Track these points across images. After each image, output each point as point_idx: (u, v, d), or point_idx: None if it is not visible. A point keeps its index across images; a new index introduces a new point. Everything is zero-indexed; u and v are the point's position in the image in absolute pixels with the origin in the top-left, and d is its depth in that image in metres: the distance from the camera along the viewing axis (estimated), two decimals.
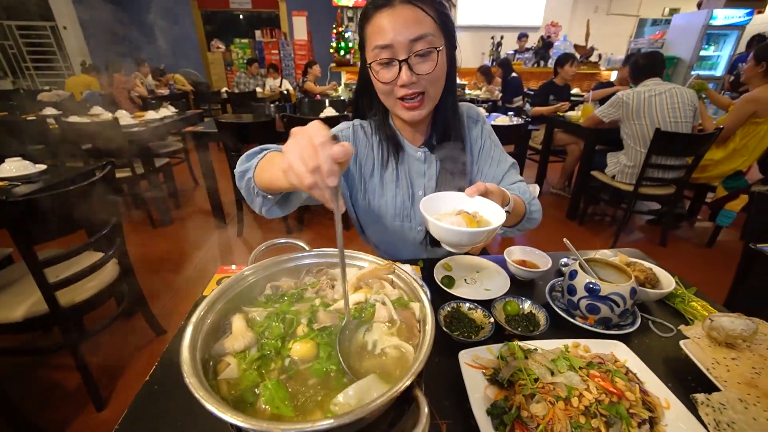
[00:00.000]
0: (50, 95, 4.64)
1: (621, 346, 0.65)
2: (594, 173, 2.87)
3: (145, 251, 2.64)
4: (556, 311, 0.75)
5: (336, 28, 6.57)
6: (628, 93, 2.46)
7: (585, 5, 7.49)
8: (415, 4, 0.73)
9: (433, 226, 0.55)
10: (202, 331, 0.41)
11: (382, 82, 0.78)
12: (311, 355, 0.41)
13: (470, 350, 0.63)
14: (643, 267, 0.81)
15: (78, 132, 2.56)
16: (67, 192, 1.23)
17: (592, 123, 2.74)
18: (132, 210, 3.37)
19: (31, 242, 1.19)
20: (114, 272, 1.56)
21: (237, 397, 0.37)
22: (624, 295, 0.67)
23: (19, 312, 1.28)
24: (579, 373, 0.55)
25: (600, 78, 6.40)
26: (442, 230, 0.54)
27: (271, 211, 0.76)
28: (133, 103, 4.90)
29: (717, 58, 5.92)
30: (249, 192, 0.72)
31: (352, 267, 0.55)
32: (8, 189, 1.47)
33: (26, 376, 1.60)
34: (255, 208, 0.75)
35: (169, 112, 3.51)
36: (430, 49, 0.74)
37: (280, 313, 0.47)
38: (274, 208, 0.76)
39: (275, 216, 0.78)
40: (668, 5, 7.40)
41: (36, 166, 1.65)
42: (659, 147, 2.31)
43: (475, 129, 0.97)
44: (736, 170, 2.53)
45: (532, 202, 0.86)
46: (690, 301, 0.78)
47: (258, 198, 0.71)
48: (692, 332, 0.65)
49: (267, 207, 0.74)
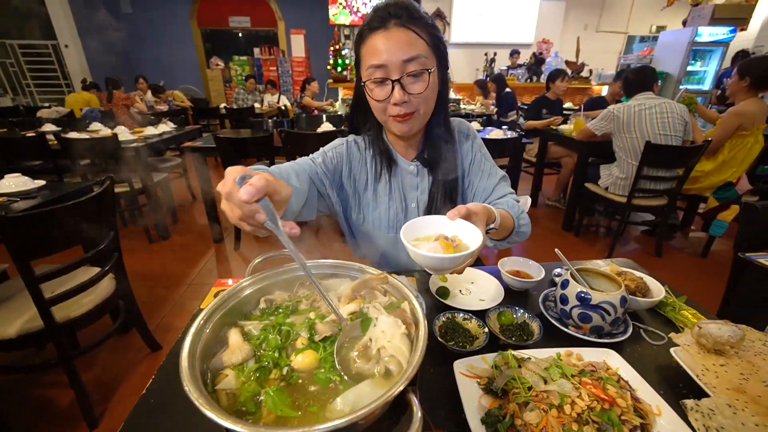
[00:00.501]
0: (50, 112, 4.68)
1: (613, 354, 0.66)
2: (588, 185, 2.92)
3: (141, 266, 2.63)
4: (550, 320, 0.76)
5: (333, 45, 6.73)
6: (619, 107, 2.53)
7: (575, 23, 7.73)
8: (409, 27, 0.76)
9: (412, 253, 0.55)
10: (200, 341, 0.42)
11: (376, 100, 0.81)
12: (313, 365, 0.42)
13: (465, 360, 0.64)
14: (633, 276, 0.83)
15: (77, 148, 2.58)
16: (65, 208, 1.24)
17: (585, 136, 2.80)
18: (129, 225, 3.37)
19: (28, 258, 1.19)
20: (110, 287, 1.56)
21: (239, 409, 0.37)
22: (614, 303, 0.68)
23: (13, 328, 1.27)
24: (571, 380, 0.56)
25: (591, 93, 6.56)
26: (420, 257, 0.55)
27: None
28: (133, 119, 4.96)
29: (704, 73, 6.09)
30: None
31: (345, 277, 0.57)
32: (7, 204, 1.48)
33: (18, 394, 1.57)
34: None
35: (167, 128, 3.55)
36: (422, 70, 0.78)
37: (276, 326, 0.48)
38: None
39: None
40: (655, 23, 7.66)
41: (35, 181, 1.66)
42: (650, 159, 2.36)
43: (466, 143, 1.00)
44: (727, 181, 2.58)
45: (521, 216, 0.88)
46: (680, 310, 0.80)
47: None
48: (682, 339, 0.66)
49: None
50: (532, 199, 3.85)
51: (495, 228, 0.72)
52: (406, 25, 0.76)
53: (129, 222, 3.40)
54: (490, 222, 0.71)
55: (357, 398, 0.38)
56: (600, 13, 7.70)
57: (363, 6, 6.91)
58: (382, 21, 0.76)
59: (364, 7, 6.91)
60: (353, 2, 6.93)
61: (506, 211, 0.84)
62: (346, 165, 0.97)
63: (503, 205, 0.88)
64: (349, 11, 6.97)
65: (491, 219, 0.71)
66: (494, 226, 0.72)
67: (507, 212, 0.83)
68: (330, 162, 0.94)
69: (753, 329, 0.68)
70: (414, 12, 0.77)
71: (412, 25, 0.76)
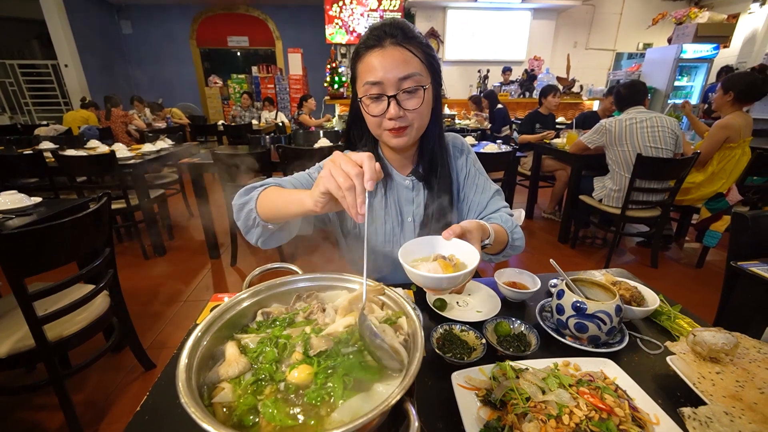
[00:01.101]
0: (47, 129, 4.70)
1: (610, 363, 0.66)
2: (582, 197, 2.95)
3: (137, 283, 2.60)
4: (547, 331, 0.76)
5: (330, 63, 6.87)
6: (611, 121, 2.59)
7: (565, 41, 7.98)
8: (404, 46, 0.79)
9: (411, 274, 0.56)
10: (197, 354, 0.42)
11: (371, 115, 0.83)
12: (308, 380, 0.42)
13: (462, 371, 0.64)
14: (628, 286, 0.84)
15: (74, 165, 2.59)
16: (59, 225, 1.24)
17: (578, 149, 2.86)
18: (125, 241, 3.35)
19: (22, 275, 1.18)
20: (104, 305, 1.54)
21: (236, 422, 0.37)
22: (610, 312, 0.69)
23: (4, 348, 1.24)
24: (569, 390, 0.56)
25: (582, 107, 6.71)
26: (420, 278, 0.55)
27: (267, 242, 0.80)
28: (131, 136, 5.00)
29: (691, 88, 6.28)
30: (247, 223, 0.76)
31: (342, 289, 0.57)
32: (2, 222, 1.47)
33: (4, 418, 1.53)
34: (251, 239, 0.79)
35: (165, 144, 3.58)
36: (417, 86, 0.80)
37: (272, 338, 0.48)
38: (271, 238, 0.80)
39: (270, 247, 0.82)
40: (641, 40, 7.92)
41: (31, 198, 1.66)
42: (641, 171, 2.40)
43: (460, 158, 1.02)
44: (717, 192, 2.62)
45: (514, 231, 0.88)
46: (676, 318, 0.80)
47: (257, 229, 0.76)
48: (678, 348, 0.67)
49: (264, 237, 0.79)
50: (527, 212, 3.89)
51: (489, 243, 0.73)
52: (401, 44, 0.79)
53: (125, 238, 3.38)
54: (485, 238, 0.71)
55: (355, 409, 0.38)
56: (588, 32, 7.96)
57: (358, 26, 7.11)
58: (378, 39, 0.79)
59: (359, 27, 7.10)
60: (349, 22, 7.12)
61: (500, 225, 0.85)
62: None
63: (497, 220, 0.89)
64: (345, 31, 7.16)
65: (486, 235, 0.72)
66: (489, 241, 0.72)
67: (501, 227, 0.84)
68: None
69: (747, 336, 0.68)
70: (408, 32, 0.81)
71: (407, 44, 0.79)
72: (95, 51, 7.59)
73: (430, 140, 0.94)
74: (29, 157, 2.65)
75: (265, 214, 0.72)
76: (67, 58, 6.95)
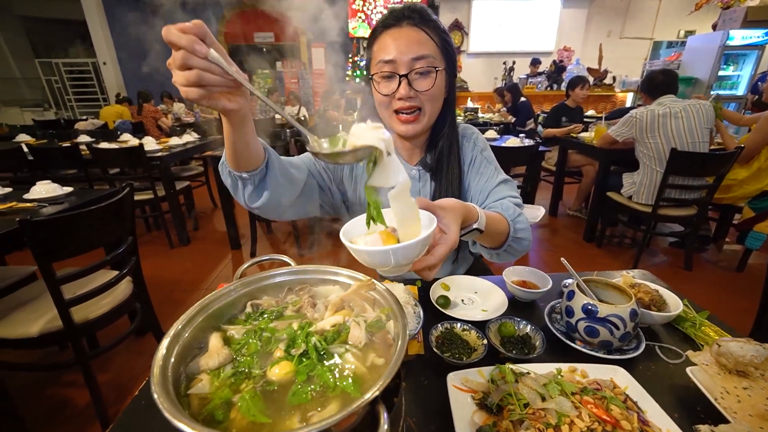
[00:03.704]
0: (86, 124, 4.98)
1: (621, 371, 0.61)
2: (610, 194, 2.80)
3: (161, 271, 2.71)
4: (555, 334, 0.72)
5: (351, 57, 6.87)
6: (641, 111, 2.43)
7: (597, 30, 7.58)
8: (420, 27, 0.79)
9: (351, 250, 0.47)
10: (179, 344, 0.42)
11: (382, 94, 0.83)
12: (289, 378, 0.41)
13: (460, 372, 0.61)
14: (648, 289, 0.78)
15: (106, 157, 2.72)
16: (84, 213, 1.30)
17: (606, 143, 2.71)
18: (153, 231, 3.50)
19: (51, 259, 1.25)
20: (127, 291, 1.61)
21: (207, 415, 0.37)
22: (623, 317, 0.64)
23: (36, 328, 1.33)
24: (571, 398, 0.52)
25: (615, 100, 6.37)
26: (359, 253, 0.47)
27: (252, 197, 0.73)
28: (161, 130, 5.21)
29: (737, 78, 5.81)
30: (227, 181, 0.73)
31: (331, 283, 0.56)
32: (36, 209, 1.57)
33: (36, 392, 1.64)
34: (240, 199, 0.74)
35: (191, 138, 3.70)
36: (430, 68, 0.79)
37: (258, 331, 0.47)
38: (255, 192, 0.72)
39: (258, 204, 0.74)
40: (683, 27, 7.39)
41: (63, 188, 1.75)
42: (676, 166, 2.24)
43: (467, 145, 0.98)
44: (763, 190, 2.41)
45: (517, 219, 0.77)
46: (701, 326, 0.74)
47: (238, 183, 0.71)
48: (700, 358, 0.61)
49: (249, 191, 0.72)
50: (551, 208, 3.74)
51: (479, 228, 0.63)
52: (418, 26, 0.79)
53: (153, 228, 3.54)
54: (471, 221, 0.62)
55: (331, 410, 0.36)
56: (624, 20, 7.52)
57: None
58: (396, 20, 0.80)
59: None
60: (373, 16, 7.08)
61: (499, 213, 0.76)
62: (347, 165, 0.97)
63: (497, 208, 0.81)
64: (368, 24, 7.13)
65: (472, 218, 0.62)
66: (477, 226, 0.63)
67: (499, 214, 0.75)
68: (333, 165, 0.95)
69: None
70: (426, 15, 0.81)
71: (424, 26, 0.79)
72: (131, 49, 7.94)
73: (440, 130, 0.92)
74: (67, 150, 2.81)
75: (231, 161, 0.67)
76: (105, 56, 7.33)
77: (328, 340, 0.46)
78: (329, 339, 0.46)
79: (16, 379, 1.68)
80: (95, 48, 7.27)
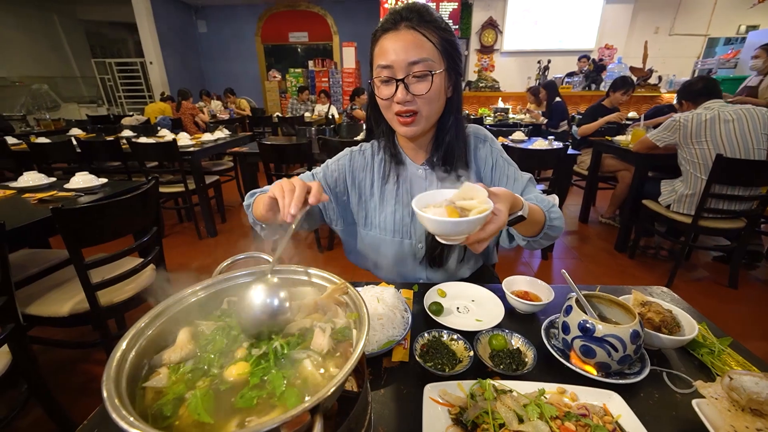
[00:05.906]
0: (131, 120, 5.34)
1: (616, 397, 0.56)
2: (646, 202, 2.61)
3: (189, 260, 2.85)
4: (550, 351, 0.67)
5: None
6: (686, 115, 2.24)
7: (644, 26, 7.10)
8: (418, 30, 0.77)
9: (419, 217, 0.57)
10: (143, 337, 0.43)
11: (381, 98, 0.83)
12: (242, 379, 0.41)
13: (439, 384, 0.59)
14: (660, 309, 0.71)
15: (142, 151, 2.90)
16: (112, 203, 1.39)
17: (645, 148, 2.52)
18: (185, 222, 3.69)
19: (80, 245, 1.34)
20: (151, 278, 1.70)
21: (156, 410, 0.37)
22: (623, 338, 0.59)
23: (66, 308, 1.43)
24: (550, 423, 0.48)
25: (660, 101, 5.93)
26: (425, 220, 0.56)
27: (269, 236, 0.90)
28: (198, 126, 5.48)
29: None
30: (249, 221, 0.91)
31: (310, 285, 0.55)
32: (73, 198, 1.69)
33: (68, 369, 1.77)
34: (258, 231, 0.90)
35: (222, 135, 3.85)
36: (426, 72, 0.78)
37: (227, 328, 0.48)
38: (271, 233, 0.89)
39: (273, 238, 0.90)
40: (743, 22, 6.75)
41: (99, 179, 1.88)
42: (720, 175, 2.05)
43: (483, 149, 0.96)
44: None
45: (551, 210, 0.82)
46: (720, 354, 0.66)
47: (256, 226, 0.89)
48: (710, 391, 0.55)
49: (263, 233, 0.89)
50: (582, 215, 3.56)
51: (523, 216, 0.67)
52: (415, 28, 0.78)
53: (184, 219, 3.73)
54: (516, 209, 0.66)
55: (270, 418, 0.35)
56: (674, 15, 6.98)
57: None
58: (394, 23, 0.79)
59: None
60: None
61: (536, 204, 0.79)
62: (349, 174, 0.99)
63: (532, 200, 0.83)
64: None
65: (518, 206, 0.66)
66: (521, 213, 0.66)
67: (537, 206, 0.79)
68: (331, 175, 0.98)
69: None
70: (425, 15, 0.79)
71: (422, 28, 0.78)
72: (175, 49, 8.42)
73: (445, 130, 0.90)
74: (109, 144, 3.02)
75: (257, 215, 0.82)
76: (152, 55, 7.81)
77: (291, 344, 0.45)
78: (292, 343, 0.45)
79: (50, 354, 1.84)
80: (143, 48, 7.77)
